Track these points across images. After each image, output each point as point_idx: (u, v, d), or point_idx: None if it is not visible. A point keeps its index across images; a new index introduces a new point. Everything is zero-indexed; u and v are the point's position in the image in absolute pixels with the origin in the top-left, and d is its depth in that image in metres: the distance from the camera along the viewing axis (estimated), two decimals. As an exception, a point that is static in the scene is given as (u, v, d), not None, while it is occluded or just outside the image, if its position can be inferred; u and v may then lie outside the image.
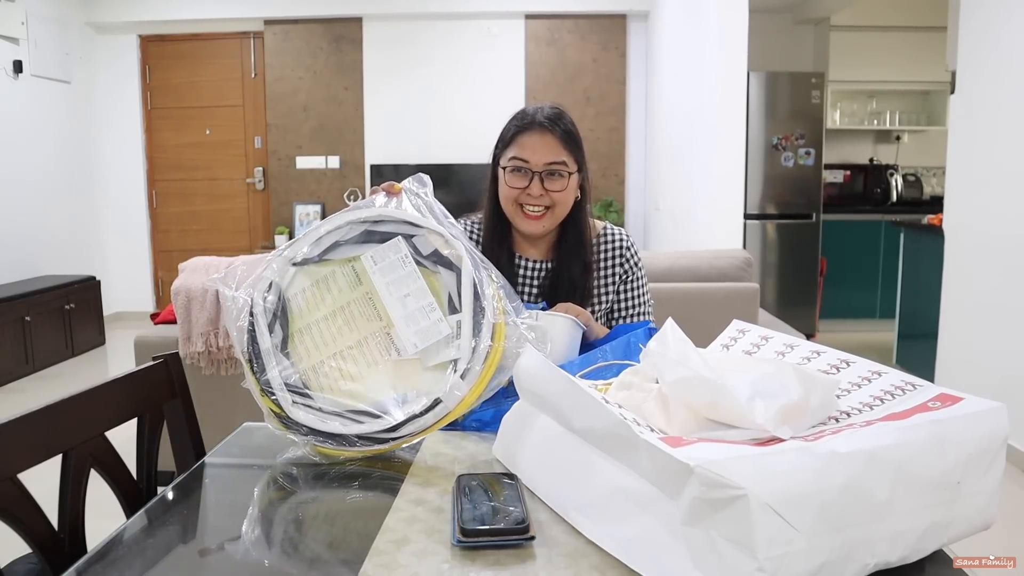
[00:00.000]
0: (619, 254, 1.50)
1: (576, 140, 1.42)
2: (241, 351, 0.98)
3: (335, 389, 0.96)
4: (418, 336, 0.95)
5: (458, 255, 0.97)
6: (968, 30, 3.14)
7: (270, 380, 0.95)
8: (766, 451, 0.63)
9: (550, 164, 1.38)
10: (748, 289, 2.76)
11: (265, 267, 1.00)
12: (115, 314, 5.90)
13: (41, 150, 5.21)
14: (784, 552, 0.58)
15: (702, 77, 4.21)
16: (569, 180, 1.40)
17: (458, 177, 5.70)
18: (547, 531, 0.75)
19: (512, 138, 1.42)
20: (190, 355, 2.78)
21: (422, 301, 0.97)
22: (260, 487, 0.94)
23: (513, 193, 1.40)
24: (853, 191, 5.78)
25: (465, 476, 0.83)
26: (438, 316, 0.96)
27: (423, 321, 0.96)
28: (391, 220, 1.01)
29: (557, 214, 1.42)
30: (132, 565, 0.74)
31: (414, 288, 0.97)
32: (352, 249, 1.01)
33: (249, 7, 5.74)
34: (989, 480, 0.72)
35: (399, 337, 0.96)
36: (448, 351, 0.94)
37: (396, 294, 0.97)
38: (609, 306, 1.51)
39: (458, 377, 0.92)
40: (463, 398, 0.93)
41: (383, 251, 0.99)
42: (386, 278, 0.98)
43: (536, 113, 1.41)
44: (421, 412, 0.91)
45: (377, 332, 0.98)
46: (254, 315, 0.97)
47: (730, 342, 1.02)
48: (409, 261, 0.98)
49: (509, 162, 1.41)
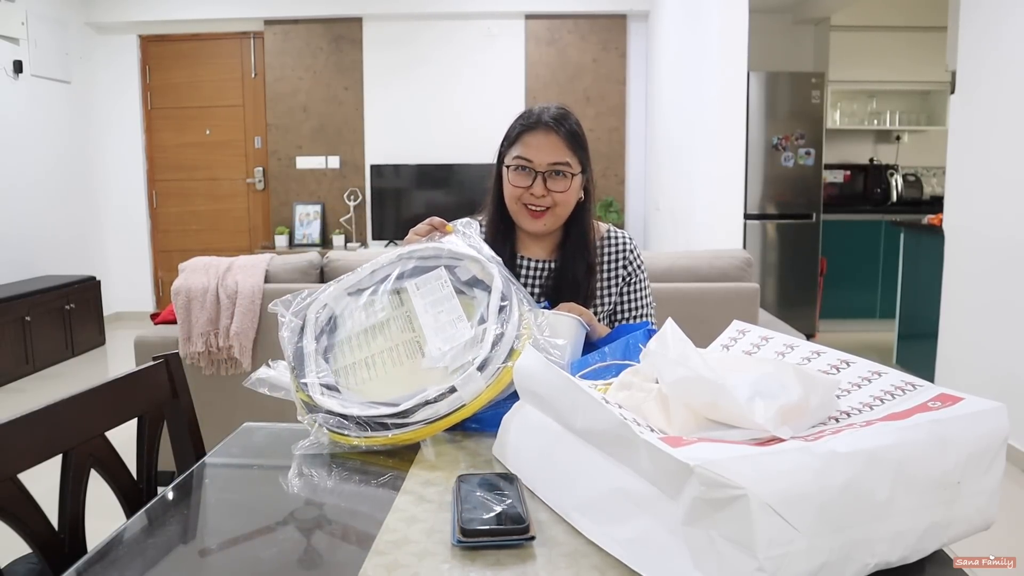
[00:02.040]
0: (622, 256, 1.51)
1: (581, 141, 1.42)
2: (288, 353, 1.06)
3: (360, 385, 1.03)
4: (443, 341, 1.03)
5: (490, 275, 1.07)
6: (968, 30, 3.14)
7: (306, 377, 1.02)
8: (766, 451, 0.63)
9: (554, 164, 1.39)
10: (748, 289, 2.76)
11: (323, 290, 1.12)
12: (115, 314, 5.90)
13: (41, 150, 5.21)
14: (784, 552, 0.58)
15: (702, 77, 4.21)
16: (572, 181, 1.40)
17: (458, 177, 5.70)
18: (547, 531, 0.75)
19: (517, 137, 1.42)
20: (190, 355, 2.78)
21: (452, 315, 1.06)
22: (260, 487, 0.94)
23: (516, 192, 1.41)
24: (853, 191, 5.78)
25: (465, 476, 0.83)
26: (465, 325, 1.04)
27: (450, 330, 1.04)
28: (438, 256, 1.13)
29: (559, 214, 1.42)
30: (132, 565, 0.74)
31: (448, 306, 1.07)
32: (401, 281, 1.12)
33: (249, 7, 5.74)
34: (989, 480, 0.72)
35: (427, 342, 1.04)
36: (470, 353, 1.00)
37: (431, 311, 1.07)
38: (612, 308, 1.51)
39: (475, 369, 0.96)
40: (480, 392, 0.96)
41: (426, 279, 1.11)
42: (424, 300, 1.09)
43: (542, 113, 1.41)
44: (435, 398, 0.95)
45: (408, 341, 1.07)
46: (305, 323, 1.06)
47: (730, 342, 1.02)
48: (447, 284, 1.09)
49: (513, 161, 1.41)
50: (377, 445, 0.97)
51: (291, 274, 2.91)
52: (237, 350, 2.78)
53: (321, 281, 2.96)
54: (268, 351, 2.80)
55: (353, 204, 5.91)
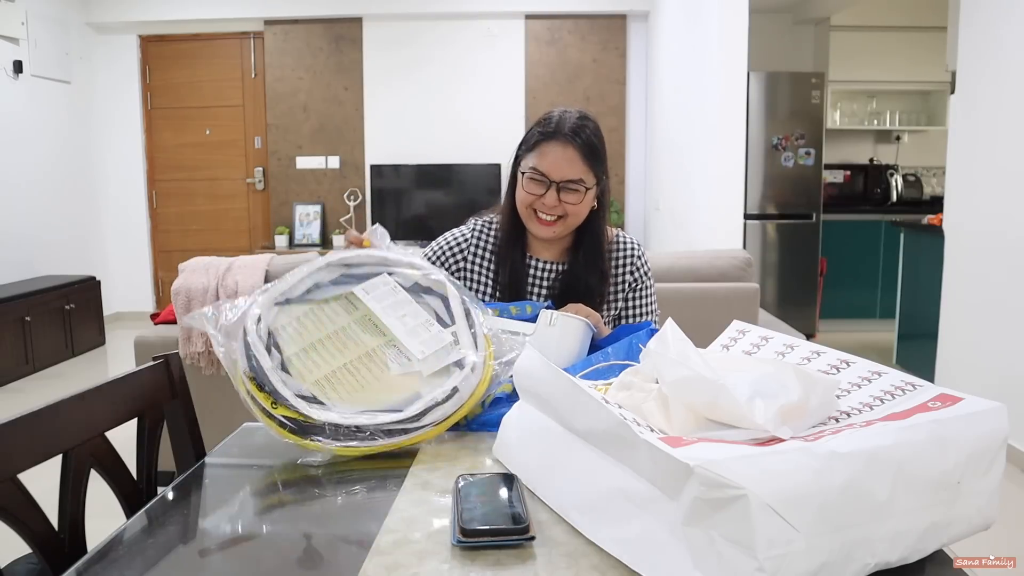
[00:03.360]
0: (630, 262, 1.52)
1: (598, 153, 1.42)
2: (241, 374, 0.98)
3: (349, 395, 1.00)
4: (423, 344, 1.04)
5: (440, 282, 1.11)
6: (968, 30, 3.14)
7: (279, 391, 0.96)
8: (766, 451, 0.63)
9: (568, 180, 1.39)
10: (748, 289, 2.76)
11: (251, 304, 1.04)
12: (115, 314, 5.90)
13: (41, 150, 5.21)
14: (784, 552, 0.58)
15: (702, 77, 4.21)
16: (586, 195, 1.41)
17: (458, 177, 5.70)
18: (547, 531, 0.75)
19: (535, 145, 1.42)
20: (190, 355, 2.78)
21: (419, 319, 1.07)
22: (260, 487, 0.94)
23: (529, 199, 1.41)
24: (853, 191, 5.78)
25: (465, 476, 0.83)
26: (437, 329, 1.06)
27: (424, 334, 1.05)
28: (367, 263, 1.12)
29: (569, 223, 1.43)
30: (132, 565, 0.74)
31: (410, 310, 1.07)
32: (332, 289, 1.09)
33: (249, 7, 5.74)
34: (989, 480, 0.71)
35: (405, 347, 1.03)
36: (452, 355, 1.03)
37: (394, 315, 1.06)
38: (617, 312, 1.52)
39: (468, 370, 1.01)
40: (476, 386, 1.01)
41: (373, 284, 1.09)
42: (381, 303, 1.07)
43: (562, 122, 1.40)
44: (443, 399, 0.98)
45: (383, 345, 1.04)
46: (249, 342, 0.99)
47: (730, 342, 1.02)
48: (399, 290, 1.10)
49: (528, 171, 1.41)
50: (389, 449, 0.97)
51: (291, 274, 2.90)
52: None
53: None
54: (268, 351, 2.79)
55: (353, 204, 5.90)
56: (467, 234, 1.54)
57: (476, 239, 1.53)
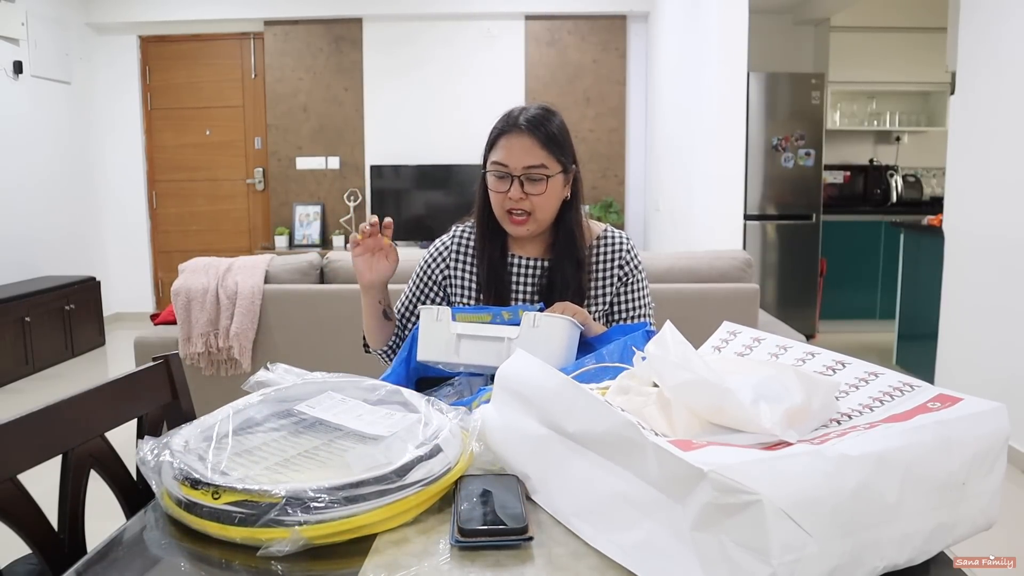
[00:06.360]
0: (618, 256, 1.50)
1: (557, 141, 1.40)
2: (166, 485, 0.81)
3: (310, 472, 0.82)
4: (386, 427, 0.88)
5: (394, 390, 0.98)
6: (968, 30, 3.14)
7: (221, 482, 0.76)
8: (778, 455, 0.62)
9: (528, 168, 1.38)
10: (748, 290, 2.76)
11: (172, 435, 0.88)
12: (115, 314, 5.90)
13: (41, 151, 5.21)
14: (797, 557, 0.57)
15: (702, 78, 4.21)
16: (549, 183, 1.39)
17: (458, 178, 5.70)
18: (547, 531, 0.75)
19: (495, 141, 1.42)
20: (190, 356, 2.78)
21: (376, 414, 0.92)
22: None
23: (498, 198, 1.42)
24: (853, 192, 5.78)
25: (465, 476, 0.83)
26: (402, 415, 0.91)
27: (387, 421, 0.90)
28: (286, 399, 0.97)
29: (539, 219, 1.42)
30: (132, 565, 0.74)
31: (364, 409, 0.94)
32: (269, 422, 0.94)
33: (249, 8, 5.74)
34: (992, 480, 0.71)
35: (366, 430, 0.88)
36: (420, 430, 0.86)
37: (347, 416, 0.92)
38: (607, 308, 1.51)
39: (448, 432, 0.85)
40: (461, 453, 0.84)
41: (318, 399, 0.97)
42: (331, 412, 0.93)
43: (519, 115, 1.41)
44: (427, 455, 0.79)
45: (341, 436, 0.90)
46: (173, 451, 0.83)
47: (721, 344, 1.01)
48: (346, 399, 0.96)
49: (491, 166, 1.42)
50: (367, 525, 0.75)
51: (291, 275, 2.91)
52: (237, 351, 2.78)
53: (321, 282, 2.95)
54: (268, 352, 2.80)
55: (353, 205, 5.90)
56: (447, 242, 1.55)
57: (456, 245, 1.54)
